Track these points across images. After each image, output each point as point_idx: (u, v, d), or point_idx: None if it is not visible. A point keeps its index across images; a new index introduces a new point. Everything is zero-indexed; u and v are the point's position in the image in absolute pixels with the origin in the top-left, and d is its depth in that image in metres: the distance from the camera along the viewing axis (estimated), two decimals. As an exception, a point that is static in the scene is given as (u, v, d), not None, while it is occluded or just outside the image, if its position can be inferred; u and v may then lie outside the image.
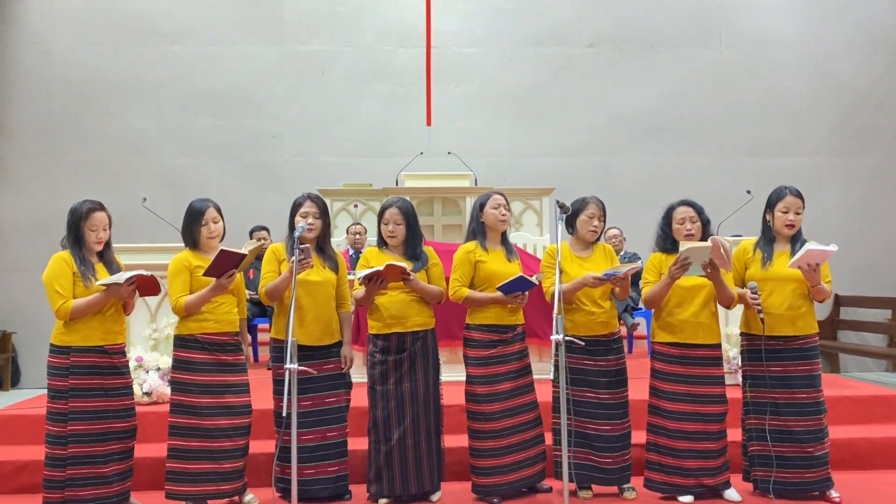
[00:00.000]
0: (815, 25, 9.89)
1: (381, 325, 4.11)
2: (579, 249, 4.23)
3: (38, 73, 9.42)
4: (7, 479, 4.46)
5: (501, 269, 4.13)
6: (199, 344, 3.92)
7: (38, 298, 9.05)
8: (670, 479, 4.08)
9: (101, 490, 3.78)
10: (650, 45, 9.87)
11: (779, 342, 4.03)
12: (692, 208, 4.13)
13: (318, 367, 3.99)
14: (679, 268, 3.90)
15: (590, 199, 4.20)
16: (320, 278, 4.08)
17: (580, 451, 4.09)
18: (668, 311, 4.11)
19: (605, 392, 4.09)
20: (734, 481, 4.13)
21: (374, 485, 4.10)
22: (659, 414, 4.12)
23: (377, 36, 9.78)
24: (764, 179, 8.96)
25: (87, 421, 3.75)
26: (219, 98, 9.56)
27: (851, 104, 9.87)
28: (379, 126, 9.63)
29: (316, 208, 4.12)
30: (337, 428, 4.12)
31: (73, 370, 3.76)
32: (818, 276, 3.90)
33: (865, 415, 5.13)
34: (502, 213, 4.22)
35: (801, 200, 4.08)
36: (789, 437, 4.02)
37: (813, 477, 4.01)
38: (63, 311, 3.75)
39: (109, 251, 3.97)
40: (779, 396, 4.04)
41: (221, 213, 4.08)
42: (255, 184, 9.39)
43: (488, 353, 4.11)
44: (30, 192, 9.32)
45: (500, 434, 4.08)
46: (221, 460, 3.90)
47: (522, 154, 9.68)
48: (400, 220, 4.13)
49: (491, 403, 4.07)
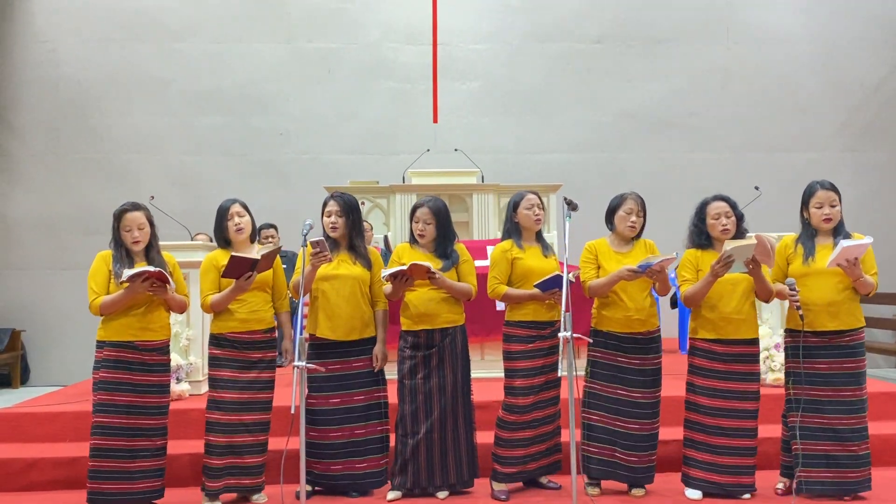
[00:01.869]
0: (824, 21, 9.84)
1: (411, 322, 4.18)
2: (619, 245, 4.22)
3: (46, 72, 9.46)
4: (17, 477, 4.48)
5: (538, 266, 4.18)
6: (228, 342, 4.06)
7: (46, 297, 9.21)
8: (708, 477, 4.06)
9: (125, 485, 3.82)
10: (658, 40, 9.83)
11: (823, 339, 3.98)
12: (727, 203, 4.10)
13: (345, 365, 4.12)
14: (723, 266, 3.86)
15: (628, 194, 4.20)
16: (347, 272, 4.15)
17: (605, 447, 4.11)
18: (708, 307, 4.06)
19: (637, 391, 4.09)
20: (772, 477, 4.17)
21: (397, 477, 4.17)
22: (697, 410, 4.10)
23: (384, 33, 9.78)
24: (772, 175, 8.98)
25: (112, 414, 3.81)
26: (226, 96, 9.58)
27: (861, 100, 9.82)
28: (386, 123, 9.63)
29: (338, 207, 4.20)
30: (366, 425, 4.18)
31: (105, 363, 3.85)
32: (859, 270, 3.86)
33: (874, 412, 5.04)
34: (536, 212, 4.26)
35: (834, 193, 4.02)
36: (834, 436, 3.97)
37: (856, 477, 3.98)
38: (94, 307, 3.87)
39: (153, 250, 4.01)
40: (822, 394, 3.98)
41: (248, 209, 4.23)
42: (262, 181, 9.40)
43: (527, 348, 4.16)
44: (38, 191, 9.35)
45: (529, 426, 4.16)
46: (245, 455, 4.05)
47: (529, 150, 9.67)
48: (430, 220, 4.19)
49: (527, 396, 4.13)
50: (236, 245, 4.17)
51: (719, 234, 4.07)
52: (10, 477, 4.48)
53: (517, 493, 4.23)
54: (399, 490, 4.16)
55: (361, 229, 4.34)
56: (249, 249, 4.17)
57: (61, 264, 9.16)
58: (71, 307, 8.77)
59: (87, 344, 4.84)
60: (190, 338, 5.48)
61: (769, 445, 4.36)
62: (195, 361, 5.49)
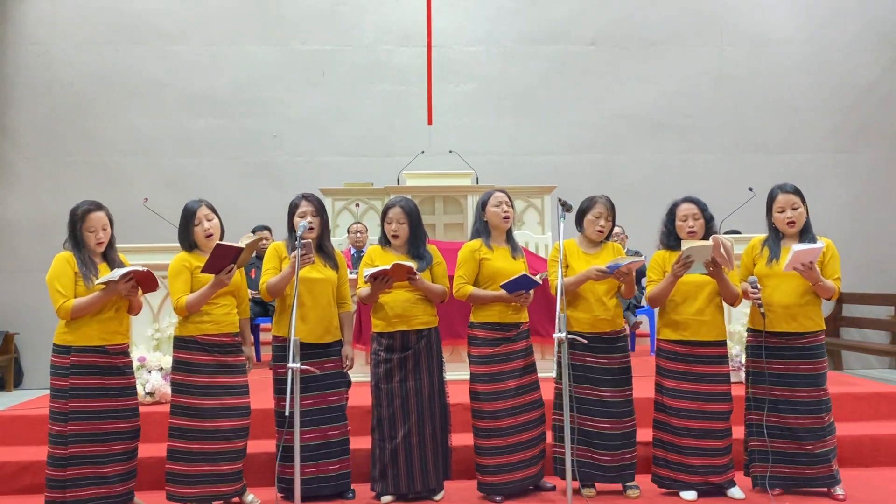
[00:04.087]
0: (817, 22, 9.88)
1: (386, 324, 4.12)
2: (587, 247, 4.23)
3: (39, 75, 9.43)
4: (9, 480, 4.47)
5: (506, 267, 4.13)
6: (198, 345, 3.92)
7: (40, 299, 9.09)
8: (676, 476, 4.08)
9: (103, 490, 3.77)
10: (651, 42, 9.85)
11: (782, 339, 4.02)
12: (695, 205, 4.12)
13: (318, 366, 3.99)
14: (681, 266, 3.91)
15: (598, 198, 4.20)
16: (321, 276, 4.09)
17: (580, 448, 4.08)
18: (672, 308, 4.10)
19: (607, 390, 4.08)
20: (737, 477, 4.13)
21: (378, 483, 4.10)
22: (664, 411, 4.12)
23: (378, 35, 9.78)
24: (766, 176, 8.95)
25: (87, 421, 3.74)
26: (220, 98, 9.56)
27: (854, 101, 9.86)
28: (380, 125, 9.62)
29: (312, 207, 4.12)
30: (339, 426, 4.12)
31: (74, 370, 3.75)
32: (816, 273, 3.88)
33: (868, 412, 5.13)
34: (504, 210, 4.22)
35: (795, 196, 4.03)
36: (788, 434, 4.02)
37: (813, 473, 4.01)
38: (64, 311, 3.75)
39: (113, 251, 3.95)
40: (779, 394, 4.03)
41: (215, 211, 4.08)
42: (257, 183, 9.39)
43: (492, 352, 4.11)
44: (31, 194, 9.33)
45: (504, 432, 4.08)
46: (220, 462, 3.90)
47: (524, 152, 9.68)
48: (403, 220, 4.15)
49: (494, 402, 4.07)
50: (205, 251, 3.95)
51: (686, 236, 4.09)
52: (4, 480, 4.46)
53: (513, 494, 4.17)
54: (382, 495, 4.08)
55: (329, 230, 4.29)
56: None
57: (55, 267, 9.10)
58: (64, 310, 8.73)
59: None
60: (159, 335, 5.43)
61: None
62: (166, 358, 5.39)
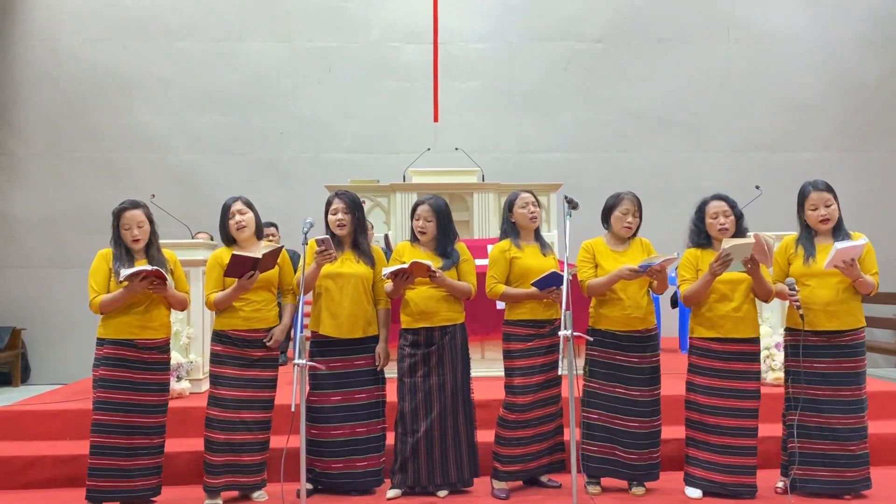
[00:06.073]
0: (825, 20, 9.84)
1: (411, 320, 4.19)
2: (615, 244, 4.23)
3: (46, 71, 9.46)
4: (17, 474, 4.50)
5: (536, 264, 4.19)
6: (229, 339, 4.07)
7: (47, 295, 9.20)
8: (709, 475, 4.05)
9: (123, 483, 3.83)
10: (658, 39, 9.83)
11: (822, 338, 3.98)
12: (725, 202, 4.11)
13: (348, 363, 4.12)
14: (721, 265, 3.87)
15: (624, 194, 4.21)
16: (350, 271, 4.16)
17: (605, 445, 4.12)
18: (707, 306, 4.06)
19: (636, 389, 4.10)
20: (773, 476, 4.17)
21: (397, 475, 4.17)
22: (697, 409, 4.09)
23: (384, 32, 9.78)
24: (773, 175, 8.97)
25: (110, 412, 3.82)
26: (226, 95, 9.58)
27: (861, 99, 9.82)
28: (386, 122, 9.63)
29: (344, 204, 4.22)
30: (367, 424, 4.18)
31: (104, 361, 3.86)
32: (857, 270, 3.85)
33: (874, 411, 5.06)
34: (531, 210, 4.27)
35: (828, 193, 4.01)
36: (831, 435, 3.97)
37: (854, 476, 3.99)
38: (94, 305, 3.89)
39: (153, 248, 4.02)
40: (821, 393, 3.98)
41: (252, 206, 4.23)
42: (263, 180, 9.40)
43: (525, 346, 4.16)
44: (38, 189, 9.36)
45: (529, 424, 4.16)
46: (241, 453, 4.04)
47: (530, 150, 9.67)
48: (430, 217, 4.21)
49: (526, 395, 4.13)
50: (240, 242, 4.18)
51: (717, 234, 4.08)
52: (11, 475, 4.49)
53: (517, 492, 4.23)
54: (399, 488, 4.16)
55: (366, 227, 4.36)
56: (255, 246, 4.16)
57: (62, 262, 9.17)
58: (71, 305, 8.79)
59: (87, 342, 4.84)
60: (190, 336, 5.49)
61: (770, 444, 4.36)
62: (195, 360, 5.49)
